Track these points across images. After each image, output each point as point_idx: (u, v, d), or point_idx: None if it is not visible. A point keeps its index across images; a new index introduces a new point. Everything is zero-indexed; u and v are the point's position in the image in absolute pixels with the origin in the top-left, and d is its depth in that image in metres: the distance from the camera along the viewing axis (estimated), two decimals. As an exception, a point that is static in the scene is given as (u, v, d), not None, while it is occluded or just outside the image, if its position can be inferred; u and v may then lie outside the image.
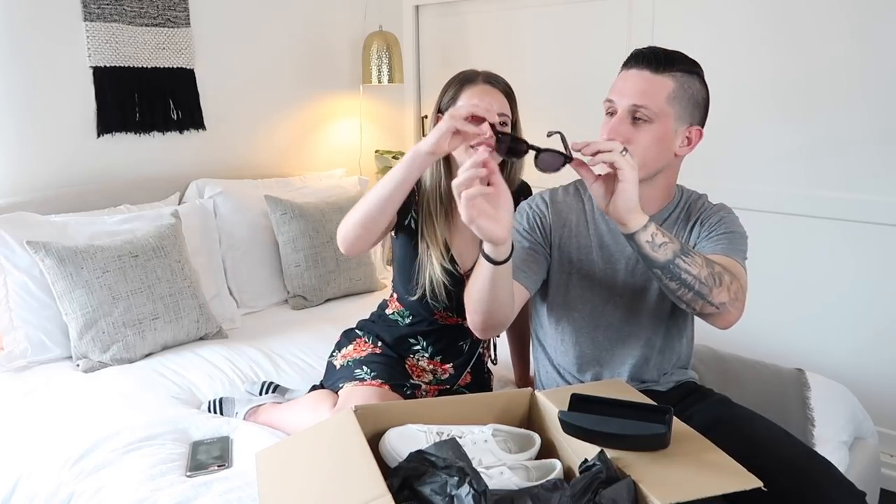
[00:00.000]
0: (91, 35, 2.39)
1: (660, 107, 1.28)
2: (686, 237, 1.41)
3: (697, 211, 1.42)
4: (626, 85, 1.31)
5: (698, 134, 1.35)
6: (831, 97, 2.18)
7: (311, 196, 2.73)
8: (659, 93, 1.28)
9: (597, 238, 1.43)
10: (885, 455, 2.22)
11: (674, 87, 1.29)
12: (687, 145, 1.35)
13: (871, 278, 2.20)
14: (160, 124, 2.60)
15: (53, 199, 2.28)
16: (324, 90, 3.16)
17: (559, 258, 1.45)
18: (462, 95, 1.54)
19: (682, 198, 1.45)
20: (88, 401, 1.78)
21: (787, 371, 1.85)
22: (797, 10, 2.20)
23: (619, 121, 1.30)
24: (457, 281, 1.59)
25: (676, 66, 1.30)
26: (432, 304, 1.60)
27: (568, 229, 1.45)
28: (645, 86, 1.28)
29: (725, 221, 1.39)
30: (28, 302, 2.03)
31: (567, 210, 1.46)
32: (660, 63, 1.29)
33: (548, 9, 2.77)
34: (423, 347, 1.69)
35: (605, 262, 1.43)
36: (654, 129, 1.29)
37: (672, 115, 1.30)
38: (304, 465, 1.16)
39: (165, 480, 1.42)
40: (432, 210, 1.57)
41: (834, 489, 1.16)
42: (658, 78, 1.29)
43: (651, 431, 1.08)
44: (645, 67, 1.29)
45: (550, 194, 1.49)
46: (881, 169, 2.13)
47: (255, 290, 2.56)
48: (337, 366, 1.71)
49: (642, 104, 1.28)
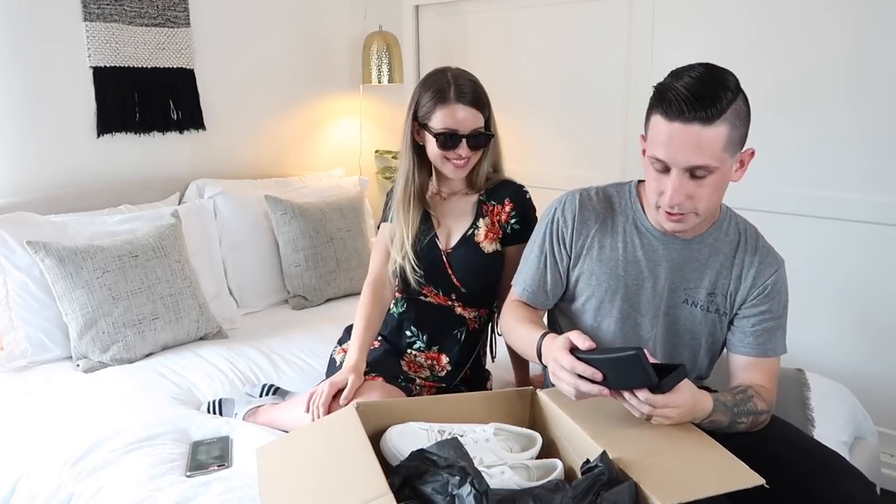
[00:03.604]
0: (91, 35, 2.38)
1: (718, 157, 1.19)
2: (733, 287, 1.37)
3: (750, 257, 1.37)
4: (677, 144, 1.19)
5: (750, 155, 1.28)
6: (828, 96, 2.18)
7: (311, 196, 2.73)
8: (714, 145, 1.18)
9: (625, 253, 1.40)
10: (885, 455, 2.22)
11: (727, 131, 1.18)
12: (740, 168, 1.28)
13: (872, 278, 2.20)
14: (160, 124, 2.60)
15: (53, 199, 2.28)
16: (324, 90, 3.16)
17: (580, 265, 1.43)
18: (436, 114, 1.61)
19: (731, 224, 1.39)
20: (88, 401, 1.78)
21: (787, 371, 1.84)
22: (795, 11, 2.20)
23: (680, 182, 1.21)
24: (436, 257, 1.68)
25: (725, 105, 1.17)
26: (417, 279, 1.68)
27: (591, 239, 1.42)
28: (700, 143, 1.17)
29: (780, 297, 1.38)
30: (28, 302, 2.03)
31: (595, 218, 1.42)
32: (709, 113, 1.16)
33: (548, 9, 2.77)
34: (418, 336, 1.71)
35: (632, 279, 1.39)
36: (714, 178, 1.22)
37: (728, 157, 1.22)
38: (306, 461, 1.16)
39: (165, 480, 1.42)
40: (401, 199, 1.68)
41: (848, 479, 1.17)
42: (710, 130, 1.17)
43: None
44: (695, 121, 1.16)
45: (580, 200, 1.43)
46: (880, 168, 2.13)
47: (255, 290, 2.56)
48: (337, 361, 1.72)
49: (702, 164, 1.19)
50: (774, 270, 1.37)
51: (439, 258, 1.68)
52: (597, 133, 2.71)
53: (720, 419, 1.22)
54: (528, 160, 2.89)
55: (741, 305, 1.38)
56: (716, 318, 1.39)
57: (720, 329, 1.41)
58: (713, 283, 1.37)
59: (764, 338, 1.36)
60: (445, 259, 1.68)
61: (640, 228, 1.39)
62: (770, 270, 1.37)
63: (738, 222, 1.40)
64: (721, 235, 1.38)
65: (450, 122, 1.59)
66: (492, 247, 1.68)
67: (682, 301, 1.39)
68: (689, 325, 1.40)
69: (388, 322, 1.75)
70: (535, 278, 1.47)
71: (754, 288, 1.36)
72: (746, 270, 1.37)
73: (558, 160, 2.84)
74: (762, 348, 1.36)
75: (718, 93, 1.17)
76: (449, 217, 1.72)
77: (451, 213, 1.72)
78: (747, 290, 1.37)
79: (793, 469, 1.14)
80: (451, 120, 1.59)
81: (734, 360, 1.40)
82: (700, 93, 1.16)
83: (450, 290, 1.70)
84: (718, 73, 1.21)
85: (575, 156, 2.79)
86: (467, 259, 1.67)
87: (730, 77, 1.22)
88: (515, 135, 2.88)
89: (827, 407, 1.72)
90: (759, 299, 1.36)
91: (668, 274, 1.38)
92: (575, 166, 2.77)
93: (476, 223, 1.69)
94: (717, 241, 1.37)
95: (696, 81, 1.18)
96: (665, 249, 1.37)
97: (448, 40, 3.11)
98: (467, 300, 1.70)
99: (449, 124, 1.59)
